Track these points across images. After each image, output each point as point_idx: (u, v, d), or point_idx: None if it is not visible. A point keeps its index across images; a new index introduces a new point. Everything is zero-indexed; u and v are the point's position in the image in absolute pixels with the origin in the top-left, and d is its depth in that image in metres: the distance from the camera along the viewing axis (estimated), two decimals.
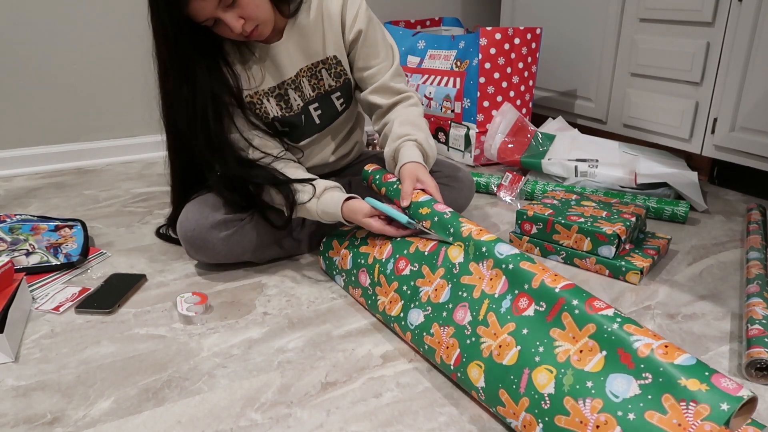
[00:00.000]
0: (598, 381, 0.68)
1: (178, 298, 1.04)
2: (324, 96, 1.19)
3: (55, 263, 1.17)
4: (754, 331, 0.90)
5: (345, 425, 0.77)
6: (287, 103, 1.16)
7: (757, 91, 1.46)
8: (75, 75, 1.82)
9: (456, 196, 1.29)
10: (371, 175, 1.17)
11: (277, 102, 1.15)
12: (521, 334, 0.77)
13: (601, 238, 1.15)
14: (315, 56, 1.16)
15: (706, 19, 1.53)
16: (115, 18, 1.82)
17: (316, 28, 1.14)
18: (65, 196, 1.63)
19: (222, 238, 1.11)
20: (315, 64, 1.16)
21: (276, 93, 1.15)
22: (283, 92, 1.15)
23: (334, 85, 1.19)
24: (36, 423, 0.77)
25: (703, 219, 1.46)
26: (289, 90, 1.15)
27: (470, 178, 1.32)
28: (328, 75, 1.17)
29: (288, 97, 1.16)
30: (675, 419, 0.61)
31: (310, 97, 1.17)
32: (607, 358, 0.69)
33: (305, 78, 1.16)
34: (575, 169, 1.61)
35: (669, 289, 1.12)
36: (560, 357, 0.72)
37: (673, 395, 0.62)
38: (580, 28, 1.92)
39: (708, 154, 1.61)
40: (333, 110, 1.21)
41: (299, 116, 1.17)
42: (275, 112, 1.15)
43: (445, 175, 1.29)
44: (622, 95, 1.82)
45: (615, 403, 0.65)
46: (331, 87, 1.19)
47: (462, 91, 1.84)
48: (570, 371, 0.70)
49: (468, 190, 1.31)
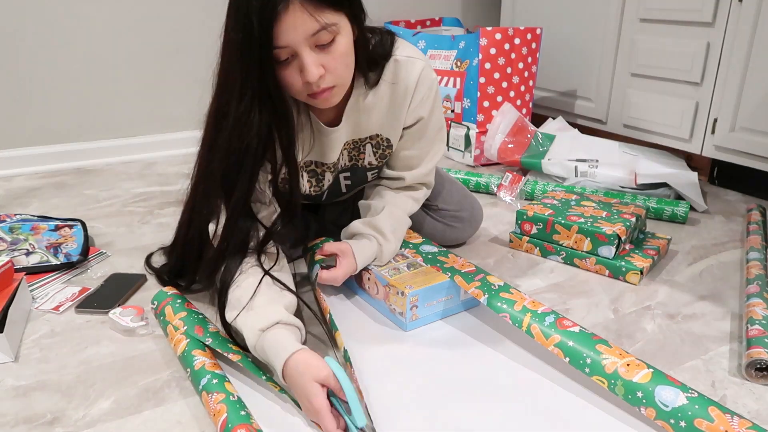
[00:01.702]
0: (647, 391, 0.73)
1: (111, 315, 0.98)
2: (360, 169, 1.09)
3: (55, 263, 1.17)
4: (754, 331, 0.90)
5: None
6: (319, 182, 1.06)
7: (757, 91, 1.46)
8: (75, 75, 1.82)
9: (457, 235, 1.26)
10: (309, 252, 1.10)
11: (309, 178, 1.04)
12: (567, 345, 0.81)
13: (601, 239, 1.15)
14: (365, 132, 1.03)
15: (706, 19, 1.53)
16: (115, 18, 1.82)
17: (378, 107, 1.00)
18: (65, 196, 1.63)
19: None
20: (362, 140, 1.04)
21: (310, 169, 1.04)
22: (319, 171, 1.05)
23: (375, 164, 1.08)
24: (36, 423, 0.77)
25: (703, 219, 1.46)
26: (326, 172, 1.05)
27: (477, 219, 1.26)
28: (372, 152, 1.06)
29: (323, 177, 1.06)
30: (722, 426, 0.67)
31: (344, 167, 1.07)
32: (654, 373, 0.75)
33: (346, 151, 1.05)
34: (575, 169, 1.61)
35: (669, 289, 1.12)
36: (608, 368, 0.77)
37: (719, 408, 0.69)
38: (580, 28, 1.92)
39: (708, 155, 1.61)
40: (362, 180, 1.12)
41: (323, 194, 1.09)
42: (305, 188, 1.05)
43: (450, 215, 1.23)
44: (622, 95, 1.82)
45: (666, 411, 0.71)
46: (371, 165, 1.08)
47: (462, 91, 1.84)
48: (620, 382, 0.75)
49: (472, 230, 1.27)
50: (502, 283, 0.96)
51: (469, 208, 1.25)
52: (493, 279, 0.97)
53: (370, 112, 1.00)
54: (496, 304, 0.90)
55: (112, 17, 1.82)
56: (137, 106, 1.94)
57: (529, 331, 0.85)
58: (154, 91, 1.95)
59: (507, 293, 0.92)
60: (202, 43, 1.91)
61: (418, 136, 1.06)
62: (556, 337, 0.83)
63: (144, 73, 1.92)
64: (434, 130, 1.07)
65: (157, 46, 1.90)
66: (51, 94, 1.81)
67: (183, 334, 0.88)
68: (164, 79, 1.95)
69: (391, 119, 1.02)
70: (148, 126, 1.98)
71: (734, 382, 0.85)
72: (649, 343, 0.95)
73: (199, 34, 1.92)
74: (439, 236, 1.23)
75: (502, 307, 0.90)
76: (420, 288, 0.95)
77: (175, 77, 1.96)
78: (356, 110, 1.00)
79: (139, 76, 1.92)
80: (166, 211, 1.51)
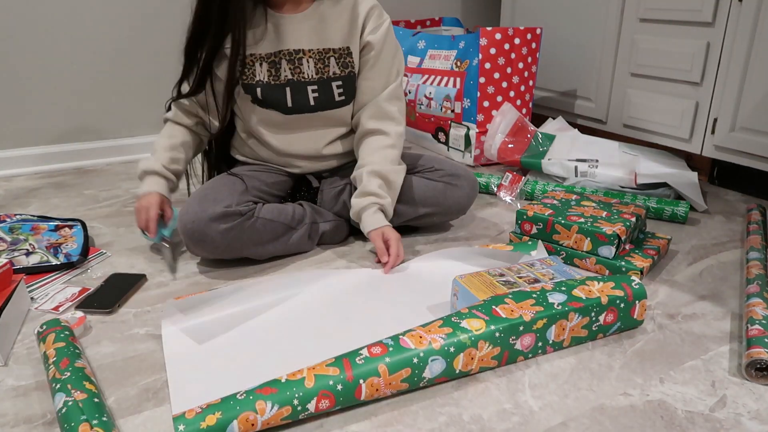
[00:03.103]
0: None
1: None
2: (325, 81, 1.22)
3: (55, 263, 1.17)
4: (754, 331, 0.90)
5: (345, 424, 0.77)
6: (276, 72, 1.20)
7: (757, 91, 1.46)
8: (75, 75, 1.82)
9: (458, 195, 1.29)
10: None
11: (268, 68, 1.19)
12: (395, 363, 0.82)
13: (601, 239, 1.15)
14: (328, 43, 1.21)
15: (706, 19, 1.53)
16: (115, 18, 1.82)
17: (339, 19, 1.20)
18: (65, 196, 1.63)
19: (221, 231, 1.11)
20: (326, 50, 1.21)
21: (270, 60, 1.19)
22: (276, 60, 1.19)
23: (339, 73, 1.22)
24: (36, 423, 0.77)
25: (703, 219, 1.46)
26: (282, 60, 1.20)
27: (473, 177, 1.32)
28: (335, 63, 1.22)
29: (279, 67, 1.20)
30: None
31: (311, 78, 1.21)
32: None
33: (312, 60, 1.20)
34: (575, 169, 1.61)
35: (669, 289, 1.12)
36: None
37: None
38: (580, 28, 1.92)
39: (708, 154, 1.61)
40: (330, 97, 1.23)
41: (283, 88, 1.20)
42: (263, 77, 1.19)
43: (447, 174, 1.30)
44: (622, 95, 1.82)
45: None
46: (335, 74, 1.22)
47: (462, 91, 1.84)
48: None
49: (470, 189, 1.31)
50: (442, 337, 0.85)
51: (464, 169, 1.33)
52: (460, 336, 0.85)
53: (331, 22, 1.20)
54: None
55: (112, 17, 1.82)
56: (137, 106, 1.94)
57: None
58: (154, 91, 1.95)
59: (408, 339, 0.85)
60: None
61: (373, 63, 1.23)
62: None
63: (144, 73, 1.92)
64: (390, 59, 1.24)
65: (157, 46, 1.90)
66: (51, 94, 1.81)
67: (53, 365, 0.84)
68: (164, 79, 1.95)
69: (350, 30, 1.21)
70: (148, 126, 1.98)
71: (734, 382, 0.85)
72: (649, 343, 0.95)
73: None
74: (441, 197, 1.29)
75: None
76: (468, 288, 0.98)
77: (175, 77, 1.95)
78: (318, 14, 1.19)
79: (139, 76, 1.92)
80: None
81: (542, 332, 0.89)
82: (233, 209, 1.13)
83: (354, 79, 1.24)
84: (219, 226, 1.11)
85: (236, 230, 1.13)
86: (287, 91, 1.21)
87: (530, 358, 0.91)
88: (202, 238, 1.12)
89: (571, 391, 0.83)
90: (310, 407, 0.75)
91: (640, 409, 0.80)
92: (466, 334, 0.84)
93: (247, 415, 0.72)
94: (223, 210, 1.12)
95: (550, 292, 0.93)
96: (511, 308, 0.89)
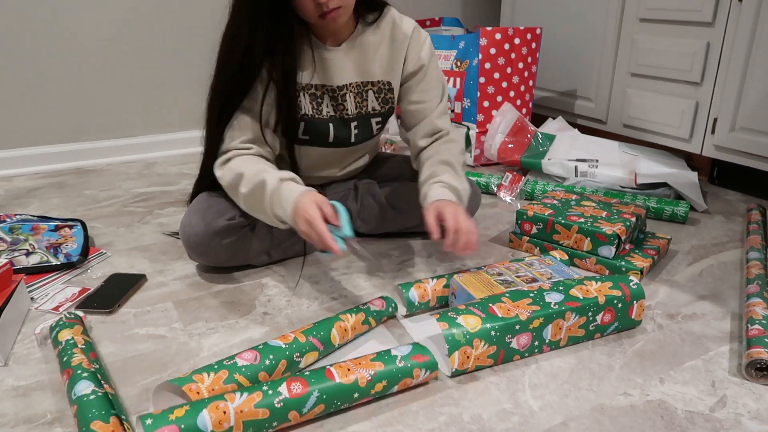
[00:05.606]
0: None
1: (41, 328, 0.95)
2: (365, 117, 1.17)
3: (55, 263, 1.17)
4: (754, 331, 0.90)
5: (345, 424, 0.77)
6: (318, 106, 1.13)
7: (757, 91, 1.46)
8: (75, 75, 1.82)
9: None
10: None
11: (311, 101, 1.12)
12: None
13: (601, 238, 1.15)
14: (368, 76, 1.15)
15: (706, 19, 1.53)
16: (115, 18, 1.82)
17: (379, 49, 1.14)
18: (65, 196, 1.63)
19: (225, 245, 1.11)
20: (364, 83, 1.15)
21: (312, 92, 1.12)
22: (319, 94, 1.13)
23: (378, 110, 1.18)
24: (36, 423, 0.77)
25: (703, 219, 1.46)
26: (325, 96, 1.13)
27: (476, 187, 1.31)
28: (375, 98, 1.16)
29: (321, 101, 1.13)
30: None
31: (353, 114, 1.16)
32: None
33: (351, 94, 1.15)
34: (575, 169, 1.61)
35: (669, 289, 1.12)
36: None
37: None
38: (580, 28, 1.92)
39: (708, 154, 1.61)
40: (369, 133, 1.20)
41: (326, 123, 1.14)
42: (308, 109, 1.12)
43: None
44: (622, 95, 1.82)
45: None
46: (375, 111, 1.18)
47: (462, 91, 1.84)
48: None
49: (474, 194, 1.29)
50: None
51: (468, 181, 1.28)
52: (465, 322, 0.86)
53: (371, 53, 1.13)
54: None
55: (113, 17, 1.82)
56: (137, 106, 1.94)
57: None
58: (154, 91, 1.95)
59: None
60: (202, 43, 1.91)
61: (426, 87, 1.18)
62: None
63: (144, 73, 1.92)
64: (437, 77, 1.19)
65: (157, 46, 1.90)
66: (51, 94, 1.81)
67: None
68: (164, 79, 1.95)
69: (391, 62, 1.15)
70: (148, 126, 1.98)
71: (734, 382, 0.85)
72: (649, 343, 0.95)
73: (199, 35, 1.92)
74: None
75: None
76: (465, 287, 0.98)
77: (175, 77, 1.96)
78: (359, 44, 1.12)
79: (138, 76, 1.92)
80: (166, 211, 1.51)
81: (539, 331, 0.89)
82: (236, 221, 1.11)
83: (392, 112, 1.20)
84: (222, 241, 1.10)
85: (240, 242, 1.12)
86: (330, 126, 1.15)
87: (527, 357, 0.91)
88: (205, 252, 1.11)
89: (571, 391, 0.83)
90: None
91: (640, 409, 0.80)
92: (460, 330, 0.84)
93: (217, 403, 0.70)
94: (226, 224, 1.10)
95: (547, 291, 0.93)
96: (508, 307, 0.89)
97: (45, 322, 0.95)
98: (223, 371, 0.78)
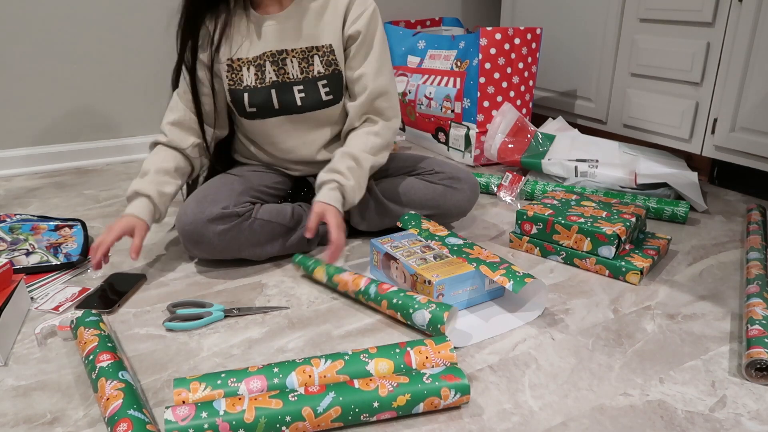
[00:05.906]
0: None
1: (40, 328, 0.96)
2: (310, 80, 1.20)
3: (55, 263, 1.17)
4: (754, 331, 0.90)
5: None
6: (262, 74, 1.19)
7: (757, 91, 1.46)
8: (75, 75, 1.82)
9: (458, 198, 1.29)
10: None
11: (255, 71, 1.19)
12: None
13: (601, 239, 1.15)
14: (310, 41, 1.19)
15: (706, 19, 1.53)
16: (115, 18, 1.82)
17: (319, 14, 1.18)
18: (65, 196, 1.63)
19: (218, 233, 1.12)
20: (309, 49, 1.19)
21: (257, 63, 1.18)
22: (261, 62, 1.19)
23: (323, 72, 1.20)
24: (36, 423, 0.77)
25: (703, 219, 1.46)
26: (267, 62, 1.19)
27: (474, 180, 1.32)
28: (319, 62, 1.20)
29: (264, 69, 1.19)
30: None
31: (297, 79, 1.20)
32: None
33: (296, 59, 1.19)
34: (575, 170, 1.61)
35: (669, 289, 1.12)
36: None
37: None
38: (580, 28, 1.92)
39: (708, 155, 1.61)
40: (317, 97, 1.21)
41: (268, 90, 1.19)
42: (250, 81, 1.18)
43: (448, 176, 1.30)
44: (622, 95, 1.82)
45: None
46: (320, 74, 1.20)
47: (462, 91, 1.84)
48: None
49: (471, 192, 1.31)
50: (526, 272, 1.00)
51: (465, 172, 1.32)
52: (518, 268, 1.01)
53: (315, 17, 1.18)
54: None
55: (113, 17, 1.82)
56: (137, 106, 1.94)
57: None
58: (154, 91, 1.95)
59: (531, 279, 0.98)
60: None
61: (363, 52, 1.20)
62: None
63: (144, 73, 1.92)
64: (378, 51, 1.21)
65: (156, 46, 1.90)
66: (50, 94, 1.81)
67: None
68: (164, 79, 1.94)
69: (333, 25, 1.19)
70: (148, 126, 1.98)
71: (734, 382, 0.85)
72: (649, 343, 0.95)
73: None
74: (441, 200, 1.28)
75: None
76: (446, 277, 1.00)
77: None
78: (301, 9, 1.17)
79: (138, 76, 1.92)
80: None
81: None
82: (231, 210, 1.13)
83: (340, 77, 1.22)
84: (216, 228, 1.11)
85: (233, 231, 1.13)
86: (272, 93, 1.19)
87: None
88: (199, 240, 1.12)
89: (571, 391, 0.83)
90: None
91: (640, 409, 0.80)
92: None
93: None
94: (220, 211, 1.12)
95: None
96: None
97: (45, 322, 0.96)
98: (219, 391, 0.76)
